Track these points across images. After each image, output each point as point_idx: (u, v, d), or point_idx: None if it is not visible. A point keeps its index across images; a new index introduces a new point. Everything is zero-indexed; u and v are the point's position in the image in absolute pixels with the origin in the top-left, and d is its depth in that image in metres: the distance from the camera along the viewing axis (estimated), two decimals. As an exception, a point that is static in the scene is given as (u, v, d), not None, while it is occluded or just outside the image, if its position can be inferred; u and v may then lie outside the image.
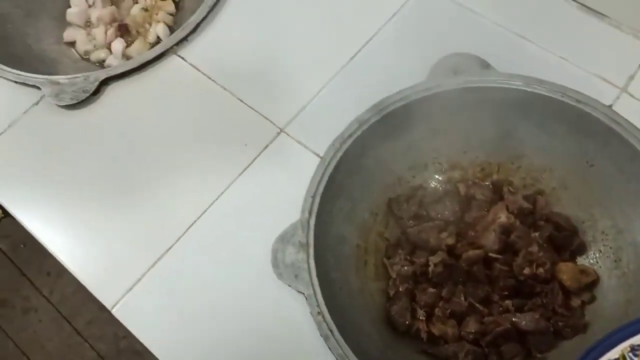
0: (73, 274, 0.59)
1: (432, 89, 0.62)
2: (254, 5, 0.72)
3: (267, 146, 0.63)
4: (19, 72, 0.69)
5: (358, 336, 0.56)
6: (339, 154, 0.60)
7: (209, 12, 0.71)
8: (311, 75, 0.66)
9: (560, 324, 0.59)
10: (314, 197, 0.58)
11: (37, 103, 0.68)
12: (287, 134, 0.63)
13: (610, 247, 0.61)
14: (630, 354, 0.41)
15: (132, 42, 0.82)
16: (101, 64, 0.81)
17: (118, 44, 0.80)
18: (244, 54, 0.69)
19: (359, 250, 0.63)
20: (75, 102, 0.66)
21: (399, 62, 0.66)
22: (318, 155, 0.61)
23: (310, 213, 0.58)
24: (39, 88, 0.68)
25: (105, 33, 0.82)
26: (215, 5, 0.71)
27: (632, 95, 0.62)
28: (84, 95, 0.66)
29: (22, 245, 1.34)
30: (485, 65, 0.63)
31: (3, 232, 1.34)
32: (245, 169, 0.62)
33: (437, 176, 0.67)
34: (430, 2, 0.69)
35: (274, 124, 0.64)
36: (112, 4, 0.85)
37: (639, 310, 0.56)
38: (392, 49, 0.67)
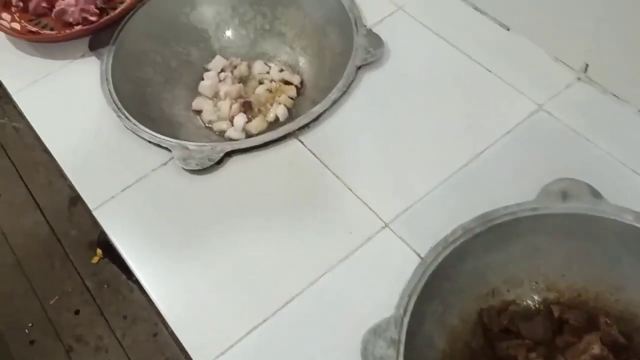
0: (170, 325, 0.63)
1: (540, 210, 0.63)
2: (373, 103, 0.76)
3: (370, 238, 0.65)
4: (154, 133, 0.76)
5: None
6: (440, 258, 0.62)
7: (331, 105, 0.76)
8: (421, 176, 0.69)
9: None
10: (410, 296, 0.60)
11: (165, 164, 0.74)
12: (391, 230, 0.65)
13: None
14: None
15: (253, 118, 0.88)
16: (222, 134, 0.88)
17: (240, 119, 0.87)
18: (358, 146, 0.73)
19: (444, 355, 0.63)
20: (200, 168, 0.72)
21: (508, 178, 0.68)
22: (419, 255, 0.63)
23: (405, 311, 0.59)
24: (169, 150, 0.74)
25: (230, 107, 0.88)
26: (338, 99, 0.77)
27: None
28: (208, 163, 0.72)
29: (106, 286, 1.41)
30: (596, 194, 0.64)
31: (94, 272, 1.42)
32: (347, 256, 0.64)
33: (532, 294, 0.67)
34: (545, 125, 0.72)
35: (379, 217, 0.66)
36: (239, 82, 0.92)
37: None
38: (502, 164, 0.69)
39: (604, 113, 0.72)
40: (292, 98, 0.90)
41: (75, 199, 1.49)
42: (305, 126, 0.75)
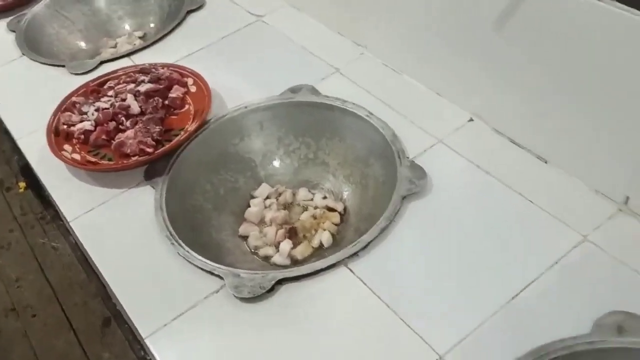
0: None
1: (597, 344, 0.63)
2: (420, 233, 0.79)
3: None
4: (206, 260, 0.79)
5: None
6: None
7: (379, 233, 0.78)
8: (473, 308, 0.69)
9: None
10: None
11: (217, 291, 0.76)
12: (449, 362, 0.65)
13: None
14: None
15: (298, 244, 0.90)
16: (267, 259, 0.90)
17: (286, 245, 0.89)
18: (410, 275, 0.74)
19: None
20: (252, 296, 0.73)
21: (558, 311, 0.68)
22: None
23: None
24: (221, 278, 0.76)
25: (276, 233, 0.91)
26: (386, 227, 0.79)
27: None
28: (260, 291, 0.73)
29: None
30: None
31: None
32: (405, 392, 0.64)
33: None
34: (592, 257, 0.73)
35: (433, 349, 0.66)
36: (285, 209, 0.95)
37: None
38: (552, 297, 0.70)
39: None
40: (336, 224, 0.93)
41: (108, 320, 1.50)
42: (355, 254, 0.77)
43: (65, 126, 1.00)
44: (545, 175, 0.84)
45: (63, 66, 1.19)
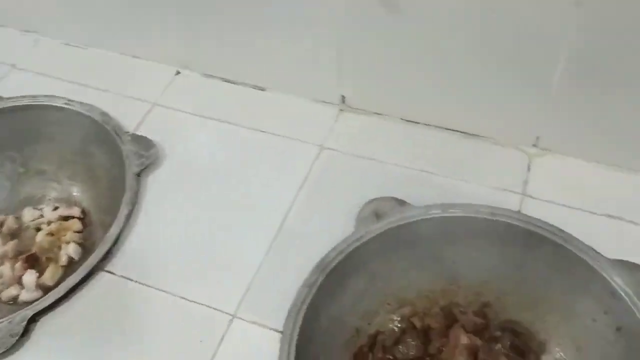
0: None
1: (363, 238, 0.65)
2: (170, 197, 0.73)
3: (223, 337, 0.61)
4: None
5: None
6: (298, 324, 0.60)
7: (127, 221, 0.71)
8: (244, 253, 0.67)
9: None
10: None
11: (-41, 362, 0.62)
12: (241, 318, 0.62)
13: (566, 338, 0.65)
14: None
15: (44, 269, 0.78)
16: (15, 300, 0.76)
17: (29, 276, 0.77)
18: (170, 251, 0.69)
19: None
20: (3, 349, 0.61)
21: (325, 220, 0.69)
22: (277, 331, 0.60)
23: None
24: (-43, 347, 0.62)
25: (12, 268, 0.78)
26: (131, 212, 0.72)
27: (531, 196, 0.69)
28: (12, 340, 0.62)
29: None
30: (402, 203, 0.68)
31: None
32: (207, 366, 0.59)
33: (390, 317, 0.69)
34: (334, 161, 0.75)
35: (223, 311, 0.63)
36: (12, 238, 0.82)
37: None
38: (315, 209, 0.70)
39: (374, 132, 0.77)
40: (78, 232, 0.82)
41: None
42: (108, 254, 0.69)
43: None
44: (267, 102, 0.83)
45: None
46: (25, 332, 0.63)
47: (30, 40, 0.96)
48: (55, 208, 0.84)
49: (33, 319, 0.64)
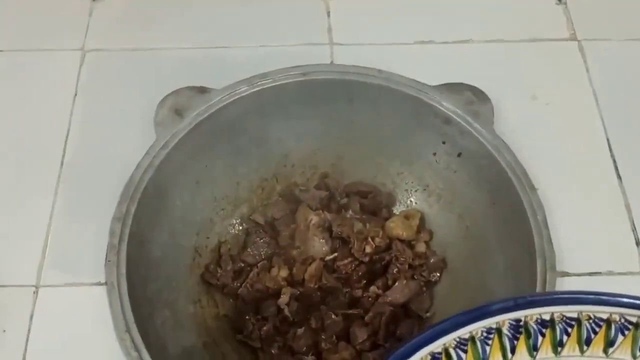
0: None
1: (169, 144, 0.54)
2: None
3: (32, 315, 0.48)
4: None
5: None
6: (123, 267, 0.48)
7: None
8: (27, 210, 0.53)
9: (424, 274, 0.57)
10: (129, 332, 0.46)
11: None
12: (48, 285, 0.49)
13: (412, 181, 0.61)
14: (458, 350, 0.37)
15: None
16: None
17: None
18: None
19: (208, 347, 0.53)
20: None
21: (116, 135, 0.57)
22: (101, 284, 0.49)
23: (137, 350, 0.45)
24: None
25: None
26: None
27: (340, 44, 0.62)
28: None
29: None
30: (202, 91, 0.57)
31: None
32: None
33: (229, 222, 0.60)
34: (104, 63, 0.60)
35: (22, 285, 0.49)
36: None
37: (474, 220, 0.57)
38: (99, 127, 0.57)
39: (139, 16, 0.64)
40: None
41: None
42: None
43: None
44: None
45: None
46: None
47: None
48: None
49: None
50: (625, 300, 0.37)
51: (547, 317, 0.38)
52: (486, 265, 0.55)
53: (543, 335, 0.38)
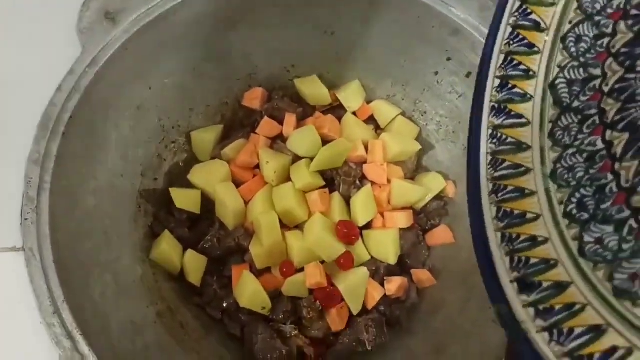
0: None
1: (98, 60, 0.41)
2: None
3: None
4: None
5: None
6: (46, 226, 0.37)
7: None
8: None
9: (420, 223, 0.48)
10: (58, 314, 0.35)
11: None
12: None
13: (406, 107, 0.50)
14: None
15: None
16: None
17: None
18: None
19: (163, 317, 0.43)
20: None
21: (37, 46, 0.42)
22: (17, 249, 0.37)
23: (71, 338, 0.34)
24: None
25: None
26: None
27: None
28: None
29: None
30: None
31: None
32: None
33: (182, 158, 0.48)
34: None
35: None
36: None
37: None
38: (15, 34, 0.43)
39: None
40: None
41: None
42: None
43: None
44: None
45: None
46: None
47: None
48: None
49: None
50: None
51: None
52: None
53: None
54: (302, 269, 0.44)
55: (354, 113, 0.50)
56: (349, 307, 0.44)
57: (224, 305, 0.44)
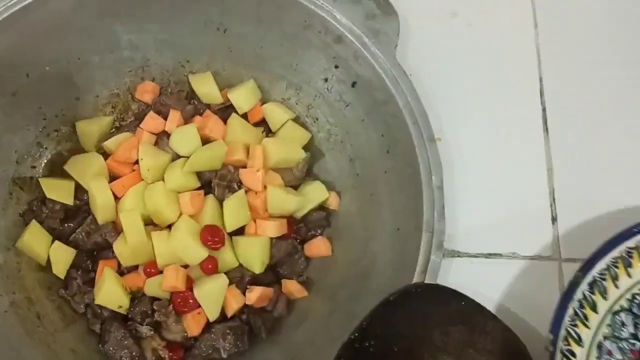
0: None
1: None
2: None
3: None
4: None
5: None
6: None
7: None
8: None
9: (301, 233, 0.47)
10: None
11: None
12: None
13: (299, 111, 0.49)
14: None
15: None
16: None
17: None
18: None
19: (17, 307, 0.43)
20: None
21: None
22: None
23: None
24: None
25: None
26: None
27: None
28: None
29: None
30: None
31: None
32: None
33: (66, 147, 0.48)
34: None
35: None
36: None
37: (365, 167, 0.45)
38: None
39: None
40: None
41: None
42: None
43: None
44: None
45: None
46: None
47: None
48: None
49: None
50: None
51: None
52: (373, 224, 0.44)
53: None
54: (167, 270, 0.44)
55: (246, 114, 0.49)
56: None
57: (86, 300, 0.44)
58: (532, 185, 0.41)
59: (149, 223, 0.45)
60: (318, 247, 0.47)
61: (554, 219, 0.40)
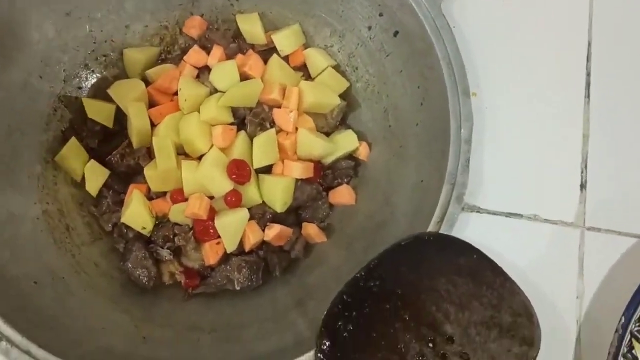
0: None
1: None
2: None
3: None
4: None
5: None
6: None
7: None
8: None
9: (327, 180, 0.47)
10: None
11: None
12: None
13: (340, 59, 0.49)
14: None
15: None
16: None
17: None
18: None
19: (49, 216, 0.45)
20: None
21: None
22: None
23: None
24: None
25: None
26: None
27: None
28: None
29: None
30: None
31: None
32: None
33: (112, 73, 0.49)
34: None
35: None
36: None
37: (397, 119, 0.45)
38: None
39: None
40: None
41: None
42: None
43: None
44: None
45: None
46: None
47: None
48: None
49: None
50: None
51: None
52: (398, 177, 0.44)
53: None
54: (193, 199, 0.45)
55: (288, 57, 0.49)
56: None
57: (113, 219, 0.46)
58: (565, 149, 0.40)
59: (181, 153, 0.46)
60: (342, 195, 0.47)
61: (582, 186, 0.38)
